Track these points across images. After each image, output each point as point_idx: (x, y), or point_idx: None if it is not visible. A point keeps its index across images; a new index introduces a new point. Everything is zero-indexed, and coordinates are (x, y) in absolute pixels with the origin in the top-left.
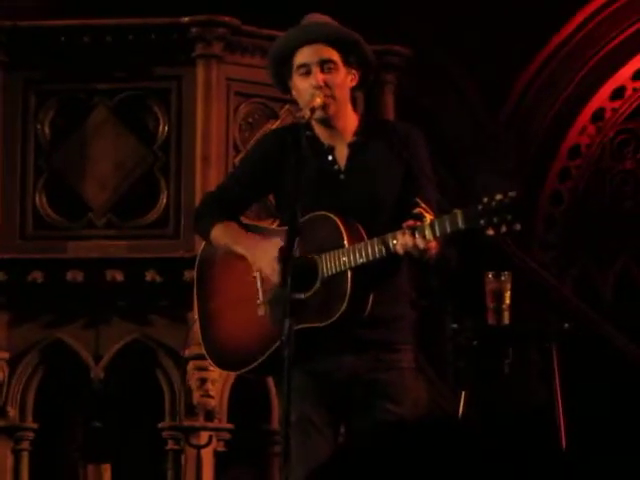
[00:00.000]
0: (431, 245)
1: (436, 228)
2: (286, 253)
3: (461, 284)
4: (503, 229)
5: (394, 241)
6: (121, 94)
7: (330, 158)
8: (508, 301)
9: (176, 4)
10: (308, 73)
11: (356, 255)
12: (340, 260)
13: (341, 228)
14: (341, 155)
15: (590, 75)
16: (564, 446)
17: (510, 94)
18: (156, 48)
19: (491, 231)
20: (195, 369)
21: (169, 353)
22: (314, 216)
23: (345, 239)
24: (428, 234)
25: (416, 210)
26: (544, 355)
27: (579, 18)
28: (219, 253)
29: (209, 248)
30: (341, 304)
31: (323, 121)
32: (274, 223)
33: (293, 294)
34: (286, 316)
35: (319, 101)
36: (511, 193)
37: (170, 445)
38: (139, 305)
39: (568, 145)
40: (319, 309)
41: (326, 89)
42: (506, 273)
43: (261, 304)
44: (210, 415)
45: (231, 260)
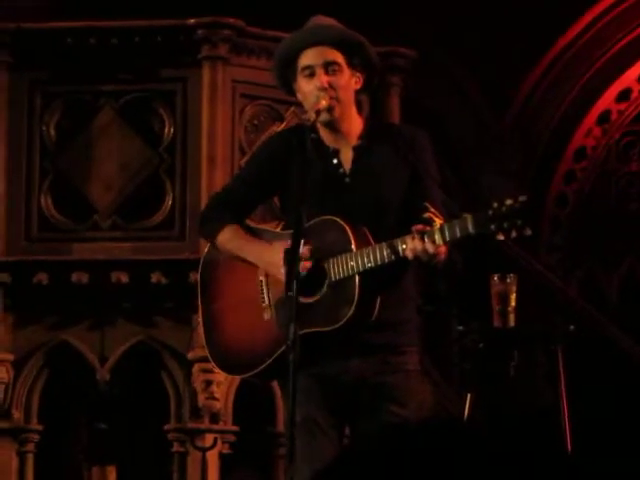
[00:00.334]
0: (440, 250)
1: (446, 233)
2: (291, 256)
3: (467, 287)
4: (513, 234)
5: (403, 245)
6: (127, 96)
7: (335, 161)
8: (514, 303)
9: (182, 6)
10: (312, 75)
11: (364, 259)
12: (348, 264)
13: (349, 232)
14: (346, 158)
15: (596, 77)
16: (570, 448)
17: (516, 96)
18: (162, 50)
19: (501, 236)
20: (200, 371)
21: (174, 355)
22: (321, 220)
23: (353, 243)
24: (438, 239)
25: (426, 215)
26: (550, 357)
27: (585, 20)
28: (223, 256)
29: (213, 250)
30: (349, 309)
31: (328, 124)
32: (279, 226)
33: (299, 298)
34: (292, 320)
35: (324, 103)
36: (522, 198)
37: (175, 447)
38: (144, 307)
39: (574, 147)
40: (326, 313)
41: (330, 91)
42: (512, 275)
43: (266, 308)
44: (215, 417)
45: (235, 263)
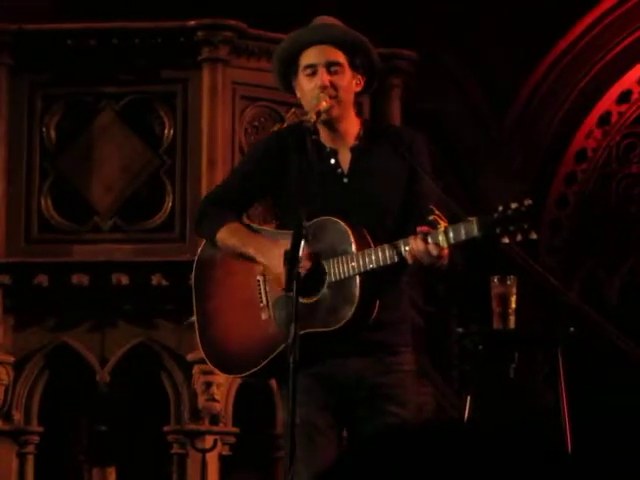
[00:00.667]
0: (444, 252)
1: (450, 235)
2: (292, 256)
3: (467, 288)
4: (519, 237)
5: (406, 247)
6: (127, 97)
7: (333, 161)
8: (514, 305)
9: (182, 8)
10: (314, 74)
11: (366, 260)
12: (349, 265)
13: (349, 233)
14: (344, 159)
15: (597, 79)
16: (570, 450)
17: (517, 97)
18: (162, 51)
19: (507, 239)
20: (200, 373)
21: (174, 357)
22: (321, 220)
23: (354, 244)
24: (442, 241)
25: (431, 217)
26: (550, 359)
27: (586, 21)
28: (219, 255)
29: (208, 249)
30: (349, 309)
31: (326, 123)
32: (272, 226)
33: (299, 298)
34: (292, 321)
35: (325, 104)
36: (527, 201)
37: (175, 449)
38: (145, 309)
39: (574, 149)
40: (326, 314)
41: (331, 90)
42: (512, 277)
43: (264, 307)
44: (215, 419)
45: (231, 262)
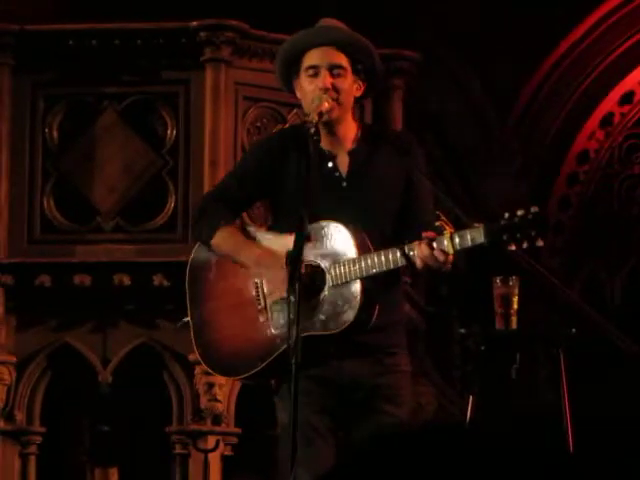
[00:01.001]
0: (450, 258)
1: (456, 241)
2: (294, 260)
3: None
4: (525, 245)
5: (411, 252)
6: (129, 98)
7: (331, 165)
8: (516, 306)
9: (184, 8)
10: (316, 75)
11: (368, 265)
12: (351, 269)
13: (351, 237)
14: (342, 162)
15: (599, 80)
16: (572, 451)
17: (518, 98)
18: (164, 52)
19: (513, 246)
20: (202, 373)
21: (176, 357)
22: (321, 224)
23: (355, 248)
24: (448, 247)
25: (437, 223)
26: (552, 360)
27: (588, 22)
28: (214, 256)
29: (202, 251)
30: (351, 313)
31: (325, 126)
32: (263, 226)
33: (301, 302)
34: (291, 323)
35: (327, 105)
36: (533, 208)
37: (177, 449)
38: (147, 309)
39: (576, 150)
40: (327, 317)
41: (332, 92)
42: (514, 278)
43: (262, 310)
44: (217, 419)
45: (227, 263)
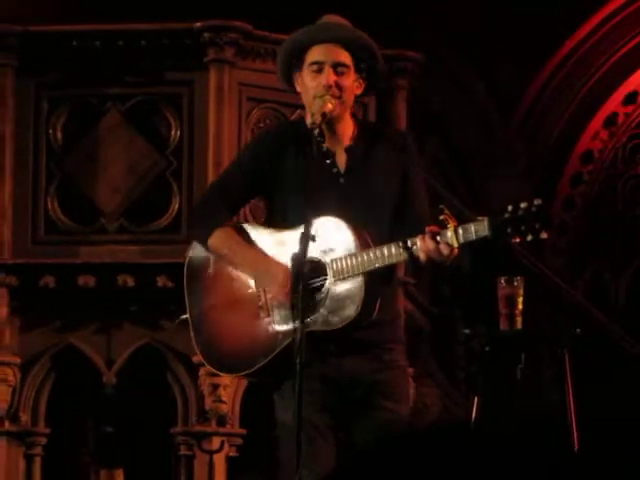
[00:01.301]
0: (454, 252)
1: (460, 234)
2: (300, 259)
3: (474, 290)
4: (529, 237)
5: (414, 246)
6: (133, 99)
7: (329, 161)
8: (520, 306)
9: (188, 9)
10: (320, 71)
11: (370, 259)
12: (352, 264)
13: (352, 233)
14: (340, 159)
15: (603, 80)
16: (577, 451)
17: (522, 99)
18: (168, 53)
19: (517, 239)
20: (207, 375)
21: (180, 358)
22: (321, 221)
23: (356, 244)
24: (452, 240)
25: (441, 217)
26: (556, 360)
27: (592, 22)
28: (214, 254)
29: (200, 249)
30: (354, 309)
31: (325, 124)
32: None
33: (304, 299)
34: (292, 319)
35: (330, 106)
36: (537, 201)
37: (182, 450)
38: (151, 310)
39: (580, 150)
40: (328, 313)
41: (335, 90)
42: (518, 278)
43: (263, 307)
44: (222, 420)
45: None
